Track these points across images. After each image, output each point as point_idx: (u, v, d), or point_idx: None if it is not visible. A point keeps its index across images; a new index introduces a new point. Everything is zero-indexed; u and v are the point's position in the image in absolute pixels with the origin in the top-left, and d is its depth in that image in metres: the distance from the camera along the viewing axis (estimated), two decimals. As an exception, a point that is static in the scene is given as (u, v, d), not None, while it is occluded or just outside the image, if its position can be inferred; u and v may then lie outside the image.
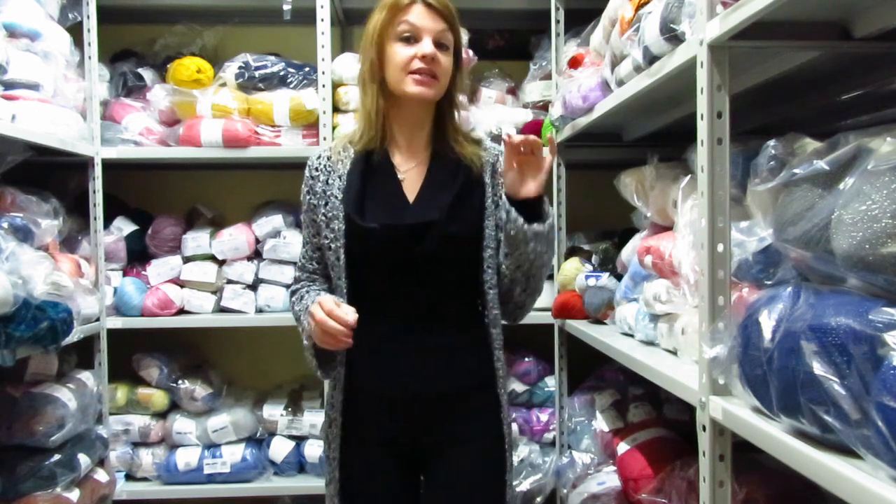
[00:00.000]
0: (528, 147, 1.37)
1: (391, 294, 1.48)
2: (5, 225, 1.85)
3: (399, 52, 1.44)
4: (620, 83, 1.66)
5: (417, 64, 1.43)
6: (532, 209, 1.43)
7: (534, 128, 2.51)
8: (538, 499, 2.42)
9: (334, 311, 1.32)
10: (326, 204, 1.50)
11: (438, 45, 1.45)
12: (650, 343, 1.68)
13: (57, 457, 2.00)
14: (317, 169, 1.54)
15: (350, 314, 1.32)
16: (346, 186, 1.49)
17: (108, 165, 2.40)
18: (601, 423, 2.10)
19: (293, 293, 1.58)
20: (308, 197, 1.54)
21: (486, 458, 1.52)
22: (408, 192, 1.50)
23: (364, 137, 1.52)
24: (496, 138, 2.48)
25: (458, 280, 1.49)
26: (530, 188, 1.41)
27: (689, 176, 1.50)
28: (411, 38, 1.44)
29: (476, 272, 1.50)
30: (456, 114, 1.56)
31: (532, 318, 1.57)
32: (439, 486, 1.52)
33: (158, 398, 2.50)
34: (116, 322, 2.41)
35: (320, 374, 1.53)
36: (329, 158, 1.54)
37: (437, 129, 1.55)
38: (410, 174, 1.52)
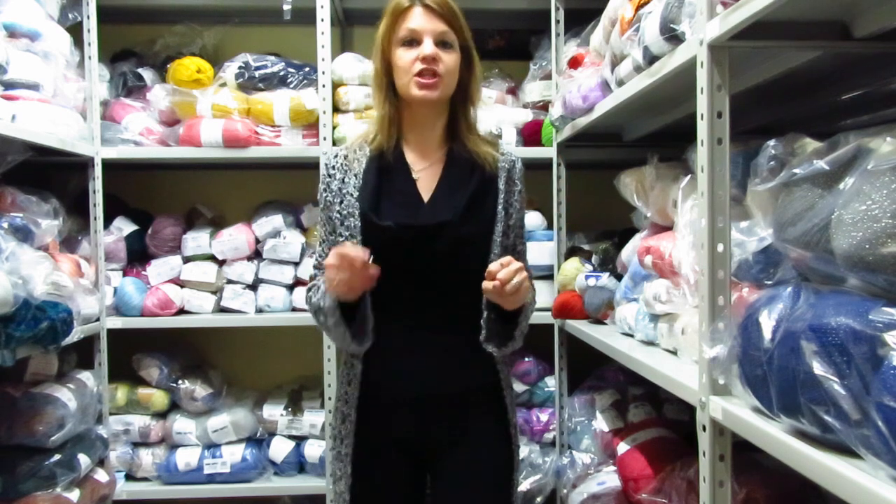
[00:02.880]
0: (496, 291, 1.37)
1: (404, 293, 1.49)
2: (5, 225, 1.85)
3: (402, 57, 1.47)
4: (620, 83, 1.66)
5: (420, 66, 1.45)
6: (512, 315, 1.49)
7: (533, 128, 2.52)
8: (538, 499, 2.42)
9: (344, 249, 1.33)
10: (342, 202, 1.51)
11: (441, 44, 1.46)
12: (650, 343, 1.68)
13: (57, 457, 2.00)
14: (333, 167, 1.55)
15: (361, 249, 1.34)
16: (362, 185, 1.50)
17: (108, 165, 2.40)
18: (601, 423, 2.10)
19: (310, 289, 1.55)
20: (325, 194, 1.55)
21: (493, 459, 1.53)
22: (422, 192, 1.51)
23: (378, 139, 1.54)
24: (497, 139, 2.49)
25: (469, 281, 1.49)
26: (509, 306, 1.43)
27: (689, 176, 1.50)
28: (413, 42, 1.46)
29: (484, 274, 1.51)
30: (471, 112, 1.57)
31: (532, 318, 1.57)
32: (446, 485, 1.53)
33: (158, 398, 2.50)
34: (116, 322, 2.41)
35: (355, 347, 1.48)
36: (346, 157, 1.55)
37: (450, 127, 1.56)
38: (425, 174, 1.53)
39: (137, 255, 2.55)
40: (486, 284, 1.35)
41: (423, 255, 1.45)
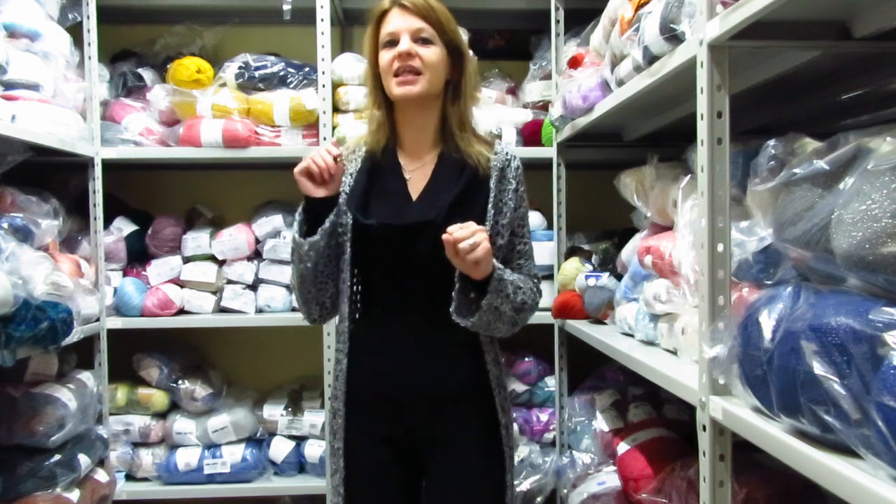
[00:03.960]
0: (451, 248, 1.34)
1: (392, 292, 1.50)
2: (5, 225, 1.84)
3: (383, 58, 1.50)
4: (620, 83, 1.66)
5: (397, 64, 1.47)
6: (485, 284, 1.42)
7: (533, 128, 2.51)
8: (538, 499, 2.42)
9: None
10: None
11: (419, 40, 1.48)
12: (650, 343, 1.68)
13: (57, 457, 2.00)
14: None
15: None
16: (353, 184, 1.53)
17: (108, 165, 2.40)
18: (601, 423, 2.10)
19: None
20: None
21: (482, 460, 1.52)
22: (412, 191, 1.52)
23: (371, 140, 1.57)
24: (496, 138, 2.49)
25: (453, 281, 1.49)
26: (473, 273, 1.39)
27: (689, 176, 1.50)
28: (393, 43, 1.49)
29: None
30: (464, 110, 1.56)
31: (532, 318, 1.57)
32: (439, 486, 1.53)
33: (158, 398, 2.50)
34: (116, 322, 2.41)
35: (308, 241, 1.46)
36: (345, 156, 1.58)
37: (443, 127, 1.56)
38: (416, 173, 1.54)
39: (137, 256, 2.55)
40: (444, 237, 1.33)
41: (406, 254, 1.46)
